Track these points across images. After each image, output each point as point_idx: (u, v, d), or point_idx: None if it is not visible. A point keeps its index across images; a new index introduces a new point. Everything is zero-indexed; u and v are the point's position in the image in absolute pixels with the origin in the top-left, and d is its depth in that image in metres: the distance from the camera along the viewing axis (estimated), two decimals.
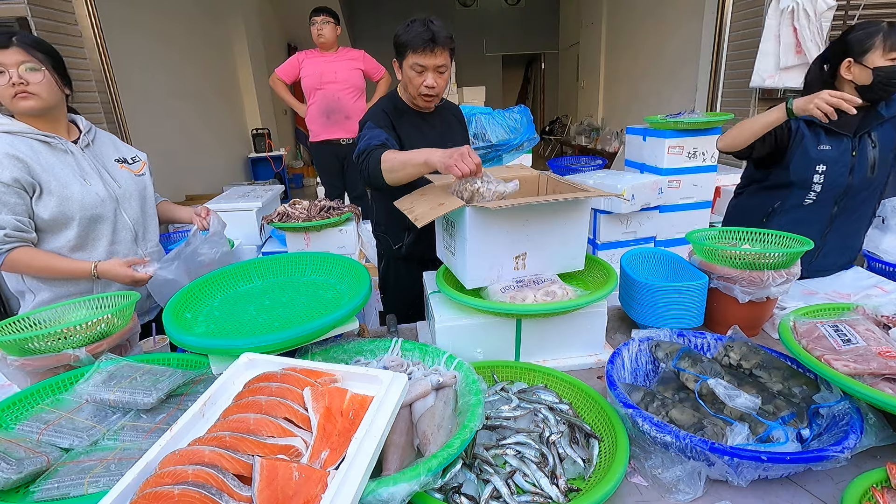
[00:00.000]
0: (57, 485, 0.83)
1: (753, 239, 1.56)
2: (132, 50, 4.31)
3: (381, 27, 10.12)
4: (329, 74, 3.61)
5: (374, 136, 1.58)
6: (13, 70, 1.36)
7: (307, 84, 3.65)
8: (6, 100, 1.39)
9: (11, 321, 1.26)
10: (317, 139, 3.76)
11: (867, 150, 1.72)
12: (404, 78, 1.67)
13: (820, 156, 1.71)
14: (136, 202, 1.63)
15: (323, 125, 3.70)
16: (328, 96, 3.64)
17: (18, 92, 1.37)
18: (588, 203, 1.37)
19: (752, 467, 0.87)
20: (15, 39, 1.37)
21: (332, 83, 3.63)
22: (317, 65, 3.61)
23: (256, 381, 0.93)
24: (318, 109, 3.66)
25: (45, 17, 2.95)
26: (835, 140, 1.71)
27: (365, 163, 1.54)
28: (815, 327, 1.12)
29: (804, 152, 1.73)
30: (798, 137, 1.74)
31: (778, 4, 3.31)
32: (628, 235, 3.02)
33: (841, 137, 1.71)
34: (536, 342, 1.34)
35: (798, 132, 1.74)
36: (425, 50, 1.57)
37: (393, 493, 0.75)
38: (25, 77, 1.37)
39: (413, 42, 1.56)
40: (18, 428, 0.99)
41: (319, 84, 3.62)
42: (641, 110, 6.12)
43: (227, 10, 6.56)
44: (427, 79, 1.62)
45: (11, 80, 1.36)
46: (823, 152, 1.71)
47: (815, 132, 1.73)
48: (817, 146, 1.72)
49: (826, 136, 1.72)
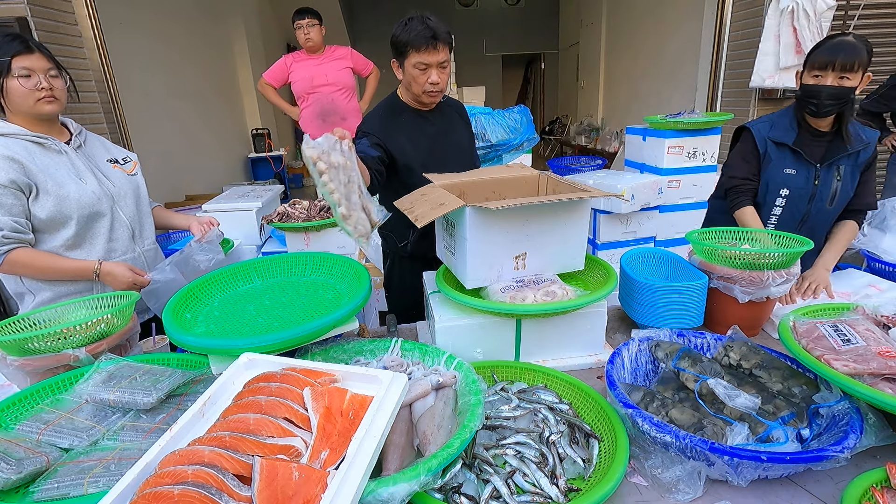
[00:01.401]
0: (57, 485, 0.83)
1: (753, 239, 1.56)
2: (132, 50, 4.31)
3: (381, 27, 10.12)
4: (320, 77, 3.58)
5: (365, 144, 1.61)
6: (41, 75, 1.42)
7: (298, 88, 3.61)
8: (29, 102, 1.42)
9: (11, 321, 1.26)
10: None
11: (831, 181, 1.70)
12: (407, 77, 1.67)
13: (785, 179, 1.70)
14: (132, 200, 1.64)
15: (319, 128, 3.67)
16: (322, 99, 3.62)
17: (46, 96, 1.43)
18: (588, 203, 1.37)
19: (752, 467, 0.87)
20: (33, 45, 1.42)
21: (324, 86, 3.60)
22: (306, 68, 3.57)
23: (256, 381, 0.93)
24: (312, 113, 3.63)
25: (45, 17, 2.95)
26: (801, 165, 1.70)
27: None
28: (815, 327, 1.12)
29: (772, 177, 1.73)
30: (766, 161, 1.74)
31: (778, 4, 3.32)
32: (628, 235, 3.02)
33: (807, 164, 1.69)
34: (536, 342, 1.34)
35: (766, 155, 1.73)
36: (428, 48, 1.57)
37: (393, 493, 0.75)
38: (51, 82, 1.44)
39: (415, 41, 1.56)
40: (18, 428, 0.99)
41: (311, 88, 3.59)
42: (641, 110, 6.12)
43: (227, 10, 6.56)
44: (431, 76, 1.63)
45: (41, 84, 1.42)
46: (789, 176, 1.70)
47: (783, 154, 1.72)
48: (783, 169, 1.71)
49: (793, 158, 1.71)
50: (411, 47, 1.58)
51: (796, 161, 1.70)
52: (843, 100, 1.57)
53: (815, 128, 1.69)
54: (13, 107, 1.43)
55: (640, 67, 6.69)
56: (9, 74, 1.38)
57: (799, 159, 1.69)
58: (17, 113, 1.44)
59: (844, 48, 1.53)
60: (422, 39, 1.55)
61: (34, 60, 1.41)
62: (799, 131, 1.69)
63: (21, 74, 1.39)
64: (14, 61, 1.37)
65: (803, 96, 1.63)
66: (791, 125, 1.71)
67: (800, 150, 1.68)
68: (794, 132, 1.70)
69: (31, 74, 1.40)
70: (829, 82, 1.55)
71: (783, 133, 1.71)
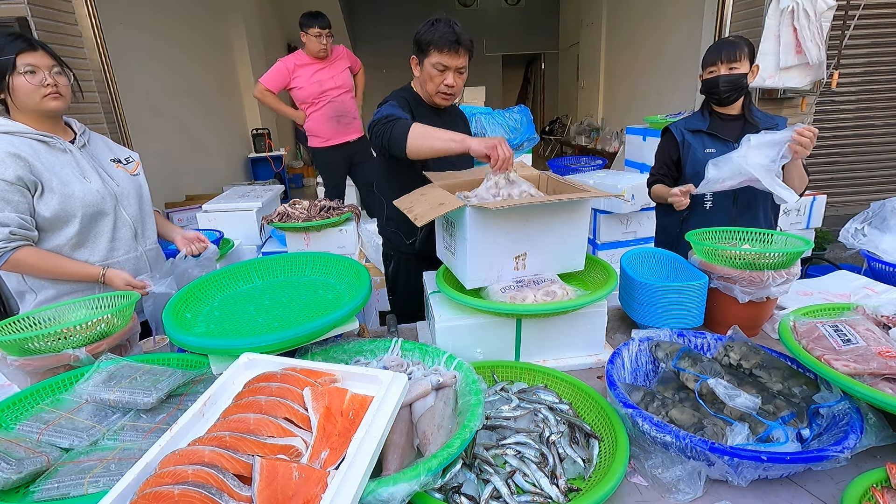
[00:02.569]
0: (57, 485, 0.83)
1: (753, 239, 1.56)
2: (132, 47, 4.30)
3: (381, 27, 10.11)
4: (329, 81, 3.56)
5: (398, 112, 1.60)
6: (46, 72, 1.42)
7: (307, 93, 3.56)
8: (35, 98, 1.42)
9: (11, 321, 1.26)
10: (326, 144, 3.70)
11: None
12: (424, 75, 1.69)
13: (706, 158, 1.83)
14: (135, 200, 1.64)
15: (334, 130, 3.65)
16: (335, 102, 3.60)
17: (51, 92, 1.43)
18: (588, 203, 1.37)
19: (752, 467, 0.87)
20: (36, 43, 1.43)
21: (334, 89, 3.58)
22: (313, 73, 3.55)
23: (256, 381, 0.93)
24: (326, 116, 3.60)
25: (45, 17, 2.95)
26: (719, 144, 1.87)
27: (387, 128, 1.53)
28: (815, 327, 1.12)
29: (693, 158, 1.90)
30: (686, 147, 1.93)
31: (778, 4, 3.31)
32: (628, 235, 3.02)
33: (724, 142, 1.87)
34: (536, 342, 1.34)
35: (684, 142, 1.93)
36: (450, 51, 1.61)
37: (393, 493, 0.75)
38: (56, 79, 1.44)
39: (439, 42, 1.59)
40: (18, 428, 0.99)
41: (320, 92, 3.56)
42: (641, 110, 6.11)
43: (227, 8, 6.55)
44: (447, 78, 1.66)
45: (46, 80, 1.42)
46: (710, 155, 1.84)
47: (700, 138, 1.91)
48: (704, 150, 1.89)
49: (710, 140, 1.89)
50: (434, 47, 1.61)
51: (714, 142, 1.89)
52: (738, 84, 1.80)
53: (724, 114, 1.91)
54: (20, 104, 1.43)
55: (640, 67, 6.69)
56: (14, 71, 1.38)
57: (716, 140, 1.90)
58: (24, 110, 1.44)
59: (727, 44, 1.80)
60: (446, 42, 1.59)
61: (38, 57, 1.41)
62: (711, 119, 1.92)
63: (26, 71, 1.39)
64: (19, 58, 1.38)
65: (706, 89, 1.87)
66: (704, 116, 1.95)
67: (714, 133, 1.90)
68: (707, 121, 1.93)
69: (37, 71, 1.41)
70: (722, 72, 1.80)
71: (696, 122, 1.95)
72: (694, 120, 1.97)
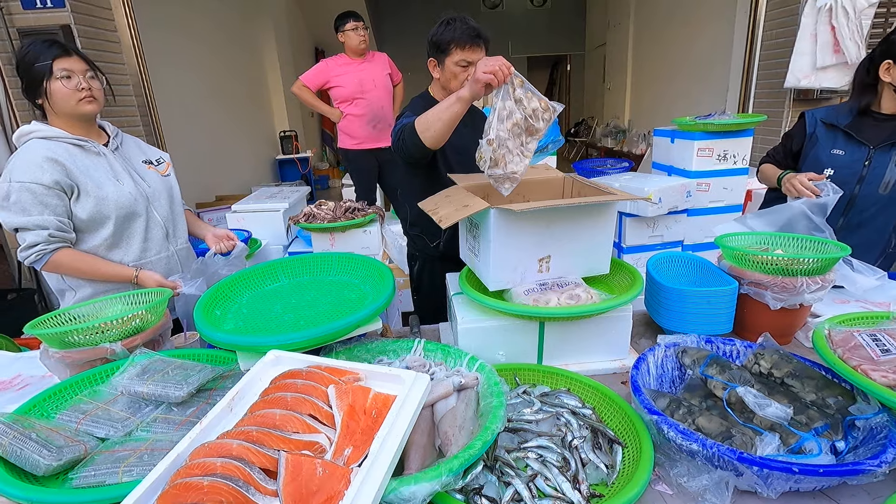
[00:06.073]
0: (94, 472, 0.87)
1: (786, 244, 1.52)
2: (165, 50, 4.42)
3: (407, 30, 10.19)
4: (368, 82, 3.57)
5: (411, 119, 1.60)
6: (80, 76, 1.48)
7: (346, 92, 3.57)
8: (71, 102, 1.49)
9: (53, 315, 1.32)
10: (359, 147, 3.70)
11: (886, 165, 1.64)
12: (446, 75, 1.69)
13: (830, 160, 1.68)
14: (166, 201, 1.69)
15: (369, 134, 3.66)
16: (373, 105, 3.60)
17: (86, 95, 1.49)
18: (614, 206, 1.35)
19: (783, 479, 0.85)
20: (71, 49, 1.49)
21: (373, 90, 3.59)
22: (352, 72, 3.56)
23: (282, 377, 0.95)
24: (362, 118, 3.61)
25: (87, 25, 3.08)
26: (851, 146, 1.68)
27: (401, 136, 1.56)
28: (852, 336, 1.08)
29: (816, 155, 1.72)
30: (813, 140, 1.74)
31: (815, 2, 3.20)
32: (655, 239, 2.96)
33: (859, 145, 1.67)
34: (559, 345, 1.33)
35: (813, 136, 1.74)
36: (472, 45, 1.61)
37: (414, 492, 0.76)
38: (90, 83, 1.50)
39: (460, 38, 1.60)
40: (59, 417, 1.04)
41: (360, 91, 3.56)
42: (669, 112, 5.99)
43: (257, 12, 6.70)
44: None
45: (81, 84, 1.48)
46: (835, 156, 1.68)
47: (833, 135, 1.71)
48: (830, 150, 1.70)
49: (844, 139, 1.69)
50: (455, 44, 1.61)
51: (847, 142, 1.69)
52: None
53: (880, 113, 1.66)
54: (56, 108, 1.49)
55: (669, 68, 6.56)
56: (51, 77, 1.45)
57: (850, 141, 1.68)
58: (60, 114, 1.51)
59: None
60: (466, 37, 1.60)
61: (73, 62, 1.47)
62: (859, 116, 1.68)
63: (62, 76, 1.45)
64: (55, 64, 1.44)
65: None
66: (851, 110, 1.70)
67: (851, 133, 1.68)
68: (851, 117, 1.69)
69: (72, 75, 1.47)
70: None
71: (837, 116, 1.72)
72: (836, 112, 1.73)
